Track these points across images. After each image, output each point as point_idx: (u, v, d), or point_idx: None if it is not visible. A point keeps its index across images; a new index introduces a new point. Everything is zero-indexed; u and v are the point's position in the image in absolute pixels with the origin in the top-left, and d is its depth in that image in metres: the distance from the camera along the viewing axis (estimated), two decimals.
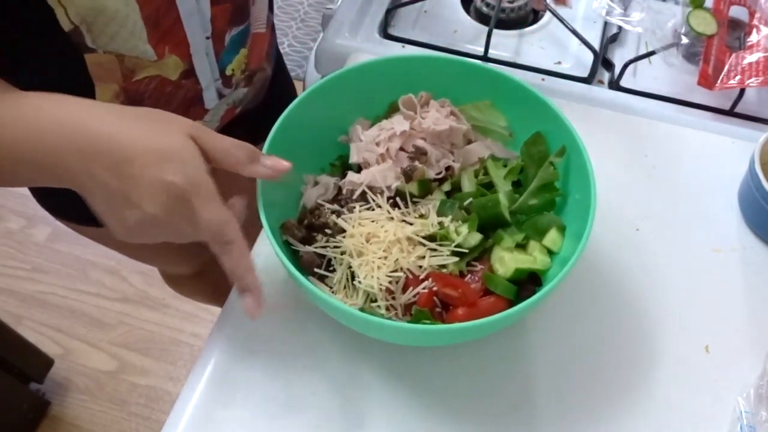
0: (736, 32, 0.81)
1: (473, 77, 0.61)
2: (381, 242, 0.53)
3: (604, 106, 0.75)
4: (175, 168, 0.43)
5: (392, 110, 0.63)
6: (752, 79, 0.72)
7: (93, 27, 0.53)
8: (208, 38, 0.62)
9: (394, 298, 0.52)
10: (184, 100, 0.66)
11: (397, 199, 0.57)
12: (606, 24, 0.84)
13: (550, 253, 0.55)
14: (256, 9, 0.68)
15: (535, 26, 0.85)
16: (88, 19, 0.52)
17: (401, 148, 0.59)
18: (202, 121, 0.71)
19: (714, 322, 0.60)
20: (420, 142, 0.59)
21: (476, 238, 0.54)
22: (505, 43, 0.81)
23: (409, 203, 0.57)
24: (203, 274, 1.05)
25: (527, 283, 0.54)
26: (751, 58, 0.75)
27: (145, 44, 0.57)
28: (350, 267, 0.53)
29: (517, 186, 0.59)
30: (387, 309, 0.52)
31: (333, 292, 0.54)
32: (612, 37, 0.84)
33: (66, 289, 1.64)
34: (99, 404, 1.49)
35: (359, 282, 0.52)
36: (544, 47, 0.68)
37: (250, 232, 0.65)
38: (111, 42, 0.55)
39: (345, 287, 0.54)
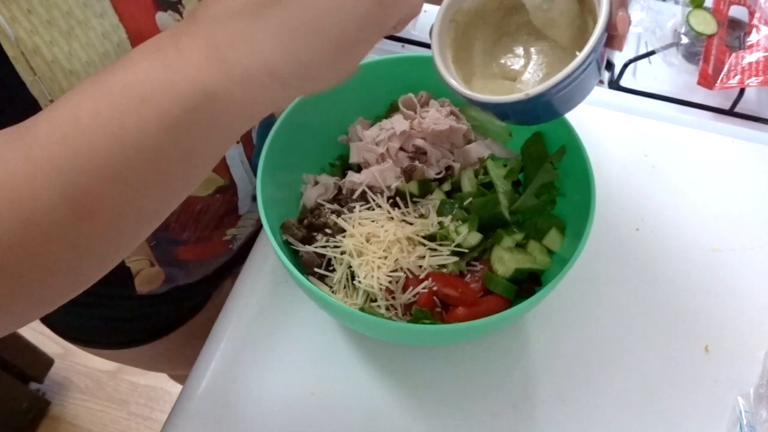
0: (736, 32, 0.81)
1: None
2: (381, 242, 0.53)
3: (603, 105, 0.75)
4: None
5: (392, 110, 0.63)
6: (752, 79, 0.72)
7: None
8: (238, 142, 0.58)
9: (394, 298, 0.52)
10: (215, 215, 0.62)
11: (397, 198, 0.57)
12: None
13: (550, 252, 0.55)
14: None
15: None
16: None
17: (401, 148, 0.59)
18: (236, 228, 0.67)
19: (714, 322, 0.60)
20: (420, 142, 0.59)
21: (476, 237, 0.54)
22: None
23: (409, 203, 0.57)
24: None
25: (527, 282, 0.54)
26: (751, 57, 0.75)
27: None
28: (350, 267, 0.53)
29: (517, 186, 0.59)
30: (387, 309, 0.52)
31: (333, 292, 0.54)
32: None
33: None
34: (99, 404, 1.49)
35: (359, 282, 0.52)
36: None
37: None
38: None
39: (345, 287, 0.54)
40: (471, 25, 0.47)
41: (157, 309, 0.72)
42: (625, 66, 0.77)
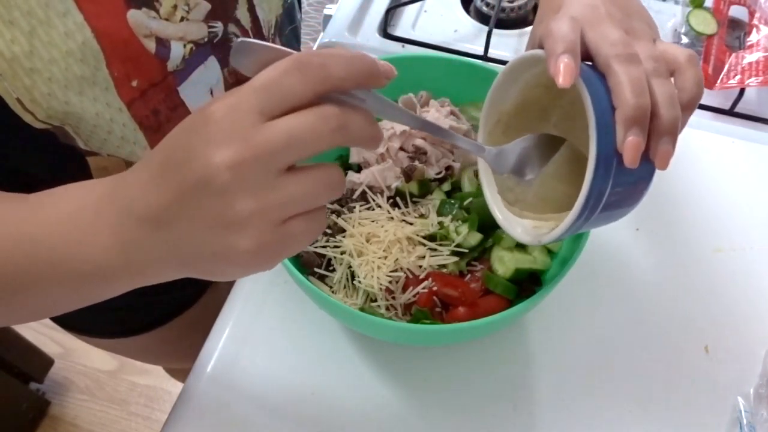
0: (736, 32, 0.81)
1: (473, 77, 0.61)
2: (381, 242, 0.53)
3: None
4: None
5: None
6: (752, 79, 0.72)
7: (79, 130, 0.47)
8: None
9: (394, 298, 0.52)
10: None
11: (397, 198, 0.57)
12: None
13: (550, 252, 0.55)
14: None
15: None
16: (69, 121, 0.46)
17: (401, 148, 0.59)
18: None
19: (714, 322, 0.60)
20: (420, 142, 0.59)
21: (476, 237, 0.54)
22: (505, 43, 0.81)
23: (409, 203, 0.57)
24: None
25: (527, 283, 0.54)
26: (750, 57, 0.75)
27: (144, 150, 0.52)
28: (350, 267, 0.53)
29: None
30: (387, 309, 0.52)
31: (333, 292, 0.54)
32: None
33: None
34: (99, 404, 1.49)
35: (359, 282, 0.52)
36: None
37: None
38: (103, 147, 0.49)
39: (345, 287, 0.54)
40: (516, 119, 0.47)
41: (154, 298, 0.72)
42: None
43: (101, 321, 0.75)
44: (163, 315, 0.76)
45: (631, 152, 0.36)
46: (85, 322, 0.75)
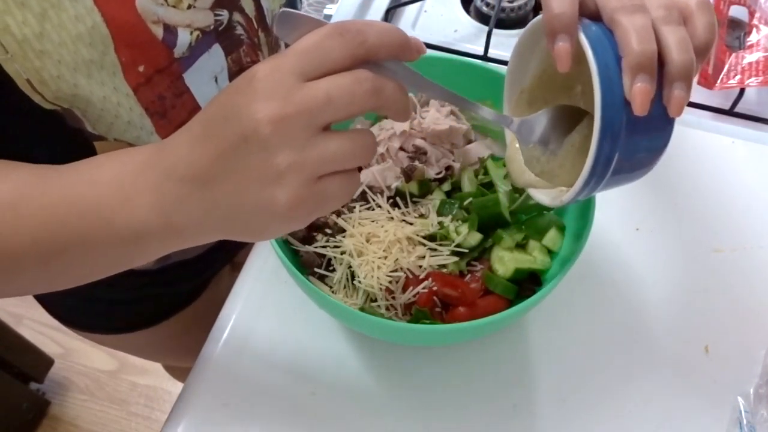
0: (736, 32, 0.81)
1: (473, 77, 0.61)
2: (381, 242, 0.53)
3: None
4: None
5: None
6: (752, 79, 0.72)
7: (87, 114, 0.48)
8: None
9: (394, 298, 0.52)
10: None
11: (397, 198, 0.57)
12: None
13: (550, 252, 0.55)
14: None
15: None
16: (77, 104, 0.47)
17: (401, 148, 0.59)
18: None
19: (714, 322, 0.60)
20: (420, 142, 0.59)
21: (476, 237, 0.54)
22: (505, 43, 0.81)
23: (409, 203, 0.57)
24: None
25: (527, 282, 0.54)
26: (750, 57, 0.75)
27: (151, 135, 0.52)
28: (350, 267, 0.53)
29: None
30: (387, 309, 0.52)
31: (333, 292, 0.54)
32: None
33: None
34: (99, 404, 1.49)
35: (359, 282, 0.52)
36: None
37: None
38: (110, 131, 0.50)
39: (345, 287, 0.54)
40: (540, 91, 0.47)
41: (155, 291, 0.72)
42: None
43: (102, 317, 0.75)
44: (165, 310, 0.76)
45: (639, 99, 0.35)
46: (87, 318, 0.75)
